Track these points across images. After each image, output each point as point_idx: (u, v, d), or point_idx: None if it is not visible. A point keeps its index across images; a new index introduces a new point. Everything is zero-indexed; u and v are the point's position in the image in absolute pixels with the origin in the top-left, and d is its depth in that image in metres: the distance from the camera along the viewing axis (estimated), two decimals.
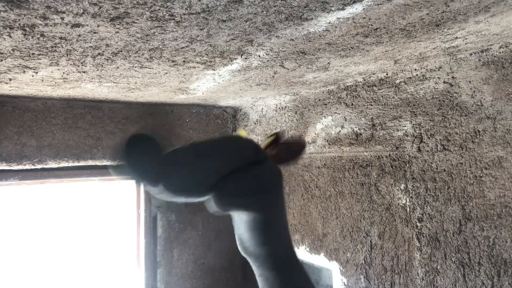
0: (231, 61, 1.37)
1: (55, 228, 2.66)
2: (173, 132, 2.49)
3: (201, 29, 1.02)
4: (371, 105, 1.83)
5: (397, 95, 1.72)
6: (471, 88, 1.44)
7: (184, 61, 1.34)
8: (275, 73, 1.61)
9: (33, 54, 1.16)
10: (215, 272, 2.94)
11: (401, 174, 1.73)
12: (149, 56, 1.25)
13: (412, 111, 1.65)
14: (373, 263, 1.88)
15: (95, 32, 1.00)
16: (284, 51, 1.29)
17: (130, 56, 1.24)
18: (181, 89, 1.88)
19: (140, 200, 2.73)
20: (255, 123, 2.71)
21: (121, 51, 1.18)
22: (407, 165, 1.70)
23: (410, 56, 1.47)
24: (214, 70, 1.50)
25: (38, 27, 0.94)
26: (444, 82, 1.53)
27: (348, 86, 1.96)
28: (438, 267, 1.58)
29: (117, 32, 1.00)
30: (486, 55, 1.39)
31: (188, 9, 0.88)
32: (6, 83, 1.57)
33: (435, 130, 1.57)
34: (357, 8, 0.94)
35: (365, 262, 1.93)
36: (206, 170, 0.92)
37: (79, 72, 1.42)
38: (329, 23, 1.03)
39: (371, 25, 1.07)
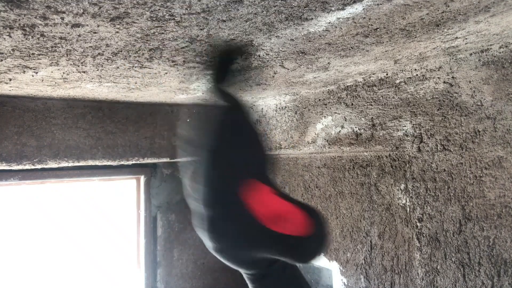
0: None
1: (55, 228, 2.67)
2: (173, 132, 2.49)
3: (201, 29, 1.02)
4: (371, 105, 1.83)
5: (397, 95, 1.72)
6: (471, 88, 1.44)
7: (184, 61, 1.34)
8: (275, 73, 1.61)
9: (33, 54, 1.16)
10: (215, 272, 2.94)
11: (401, 174, 1.73)
12: (149, 56, 1.25)
13: (412, 111, 1.65)
14: (373, 263, 1.88)
15: (95, 32, 1.00)
16: (284, 51, 1.29)
17: (130, 56, 1.24)
18: (181, 89, 1.88)
19: (140, 200, 2.73)
20: (255, 123, 2.71)
21: (121, 51, 1.18)
22: (407, 165, 1.70)
23: (410, 56, 1.47)
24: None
25: (38, 27, 0.94)
26: (444, 82, 1.53)
27: (348, 86, 1.96)
28: (438, 267, 1.58)
29: (117, 32, 1.00)
30: (486, 55, 1.39)
31: (188, 9, 0.88)
32: (6, 83, 1.57)
33: (435, 130, 1.57)
34: (357, 8, 0.94)
35: (365, 262, 1.93)
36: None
37: (79, 72, 1.42)
38: (329, 23, 1.03)
39: (371, 25, 1.07)
